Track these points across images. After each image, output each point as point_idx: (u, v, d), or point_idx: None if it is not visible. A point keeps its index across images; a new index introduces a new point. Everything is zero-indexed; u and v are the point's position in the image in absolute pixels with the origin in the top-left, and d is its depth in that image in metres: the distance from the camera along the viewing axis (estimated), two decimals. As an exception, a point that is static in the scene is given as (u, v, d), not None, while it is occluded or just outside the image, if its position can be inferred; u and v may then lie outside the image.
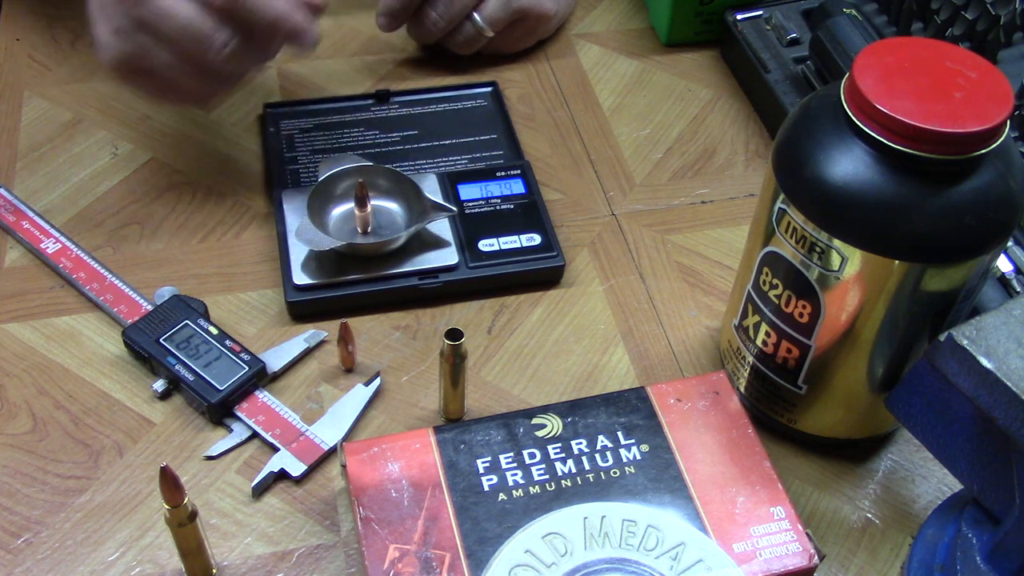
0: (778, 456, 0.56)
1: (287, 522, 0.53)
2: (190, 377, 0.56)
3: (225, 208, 0.67)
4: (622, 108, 0.76)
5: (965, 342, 0.42)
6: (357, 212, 0.61)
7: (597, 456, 0.50)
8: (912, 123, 0.43)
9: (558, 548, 0.47)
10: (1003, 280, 0.58)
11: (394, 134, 0.72)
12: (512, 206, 0.65)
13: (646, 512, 0.48)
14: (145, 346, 0.57)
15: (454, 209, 0.63)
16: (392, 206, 0.64)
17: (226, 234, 0.66)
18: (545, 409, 0.52)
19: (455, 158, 0.70)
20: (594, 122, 0.75)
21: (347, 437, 0.55)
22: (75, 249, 0.63)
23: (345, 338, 0.57)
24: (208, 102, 0.64)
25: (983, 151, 0.44)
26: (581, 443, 0.51)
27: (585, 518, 0.48)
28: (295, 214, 0.63)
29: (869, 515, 0.54)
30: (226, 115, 0.73)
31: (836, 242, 0.46)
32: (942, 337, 0.43)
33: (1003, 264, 0.58)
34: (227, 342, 0.57)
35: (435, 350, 0.60)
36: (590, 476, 0.49)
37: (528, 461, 0.50)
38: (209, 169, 0.70)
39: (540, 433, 0.51)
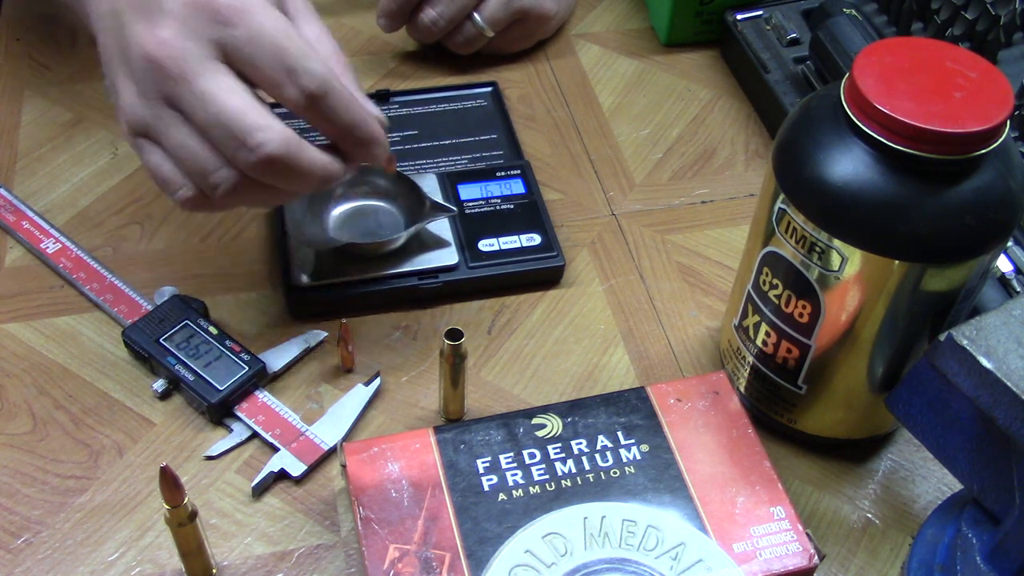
0: (778, 456, 0.56)
1: (287, 522, 0.53)
2: (190, 377, 0.56)
3: (225, 208, 0.67)
4: (622, 108, 0.76)
5: (965, 342, 0.42)
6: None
7: (597, 456, 0.50)
8: (912, 123, 0.43)
9: (558, 548, 0.47)
10: (1003, 280, 0.58)
11: (394, 134, 0.72)
12: (512, 206, 0.65)
13: (646, 512, 0.48)
14: (145, 346, 0.57)
15: (454, 209, 0.63)
16: (392, 206, 0.64)
17: (226, 234, 0.66)
18: (545, 409, 0.52)
19: (455, 158, 0.70)
20: (594, 122, 0.75)
21: (347, 437, 0.55)
22: (75, 249, 0.63)
23: (345, 338, 0.57)
24: (207, 211, 0.53)
25: (983, 151, 0.44)
26: (581, 443, 0.51)
27: (585, 518, 0.48)
28: (295, 214, 0.63)
29: (869, 515, 0.54)
30: (226, 115, 0.73)
31: (836, 242, 0.46)
32: (942, 337, 0.43)
33: (1003, 264, 0.58)
34: (227, 342, 0.57)
35: (435, 350, 0.60)
36: (590, 476, 0.49)
37: (528, 461, 0.50)
38: (209, 169, 0.70)
39: (540, 433, 0.51)
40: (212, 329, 0.58)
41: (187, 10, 0.49)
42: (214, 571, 0.50)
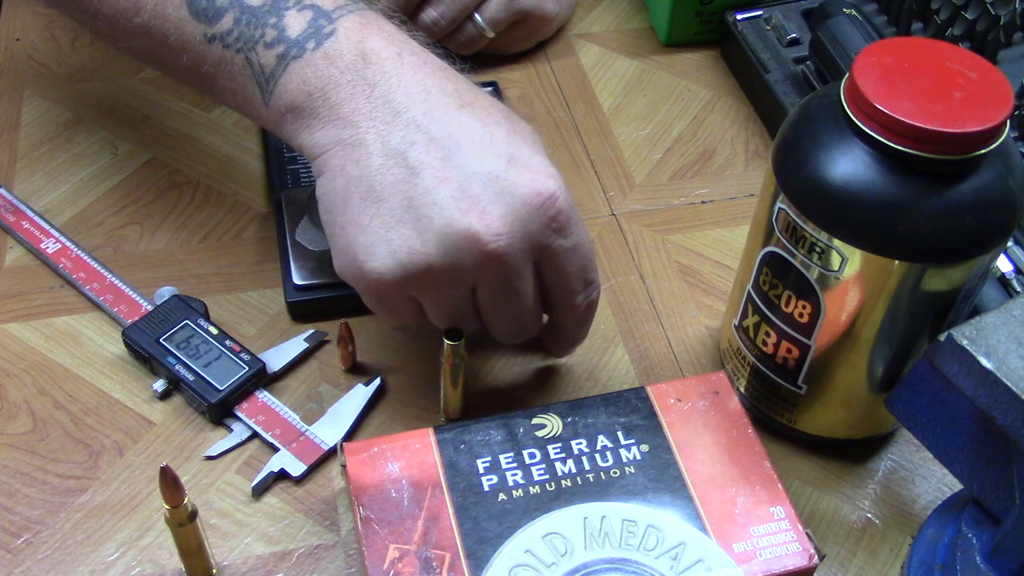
0: (778, 456, 0.56)
1: (287, 522, 0.53)
2: (190, 377, 0.56)
3: (225, 208, 0.67)
4: (622, 108, 0.76)
5: (965, 342, 0.42)
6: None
7: (597, 456, 0.50)
8: (912, 123, 0.43)
9: (558, 548, 0.47)
10: (1003, 280, 0.58)
11: (394, 134, 0.72)
12: (512, 206, 0.65)
13: (646, 512, 0.48)
14: (145, 346, 0.57)
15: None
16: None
17: (226, 234, 0.66)
18: (545, 409, 0.52)
19: (455, 158, 0.70)
20: (594, 122, 0.75)
21: (347, 437, 0.55)
22: (75, 249, 0.63)
23: (345, 338, 0.57)
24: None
25: (983, 151, 0.44)
26: (581, 443, 0.51)
27: (585, 518, 0.48)
28: (295, 214, 0.63)
29: (869, 515, 0.54)
30: (226, 115, 0.73)
31: (836, 242, 0.46)
32: (942, 337, 0.43)
33: (1003, 264, 0.58)
34: (227, 342, 0.57)
35: (435, 350, 0.59)
36: (590, 476, 0.49)
37: (528, 461, 0.50)
38: (209, 169, 0.70)
39: (540, 433, 0.51)
40: (212, 329, 0.58)
41: (527, 210, 0.48)
42: (214, 571, 0.50)
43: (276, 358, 0.58)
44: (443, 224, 0.47)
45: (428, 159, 0.48)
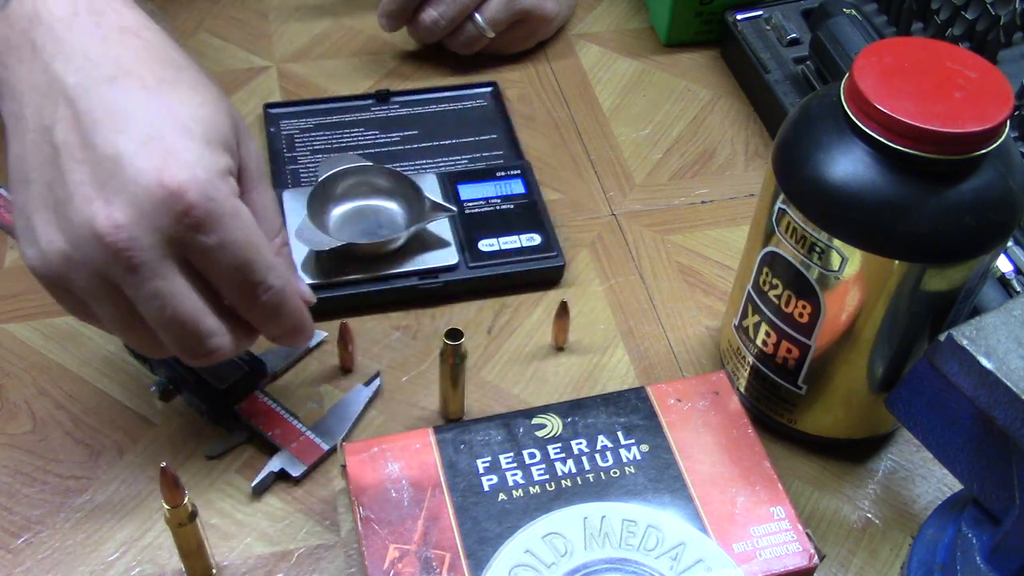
0: (778, 456, 0.56)
1: (287, 522, 0.53)
2: (190, 377, 0.56)
3: (225, 208, 0.67)
4: (622, 108, 0.76)
5: (965, 342, 0.42)
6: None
7: (597, 456, 0.50)
8: (912, 123, 0.43)
9: (558, 548, 0.47)
10: (1003, 280, 0.58)
11: (394, 134, 0.72)
12: (512, 206, 0.65)
13: (646, 512, 0.48)
14: (145, 346, 0.57)
15: (454, 209, 0.63)
16: (392, 206, 0.64)
17: (226, 234, 0.66)
18: (545, 409, 0.52)
19: (455, 158, 0.70)
20: (594, 122, 0.75)
21: (347, 437, 0.55)
22: (75, 249, 0.63)
23: (345, 338, 0.57)
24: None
25: (983, 151, 0.44)
26: (581, 443, 0.51)
27: (585, 518, 0.48)
28: (295, 214, 0.63)
29: (869, 515, 0.54)
30: (226, 115, 0.73)
31: (836, 242, 0.46)
32: (942, 337, 0.43)
33: (1003, 264, 0.58)
34: (227, 342, 0.57)
35: (435, 350, 0.59)
36: (590, 476, 0.49)
37: (528, 461, 0.50)
38: (209, 169, 0.70)
39: (540, 433, 0.51)
40: (212, 329, 0.58)
41: (150, 202, 0.42)
42: (214, 571, 0.50)
43: (276, 358, 0.58)
44: (72, 212, 0.42)
45: (71, 138, 0.43)
